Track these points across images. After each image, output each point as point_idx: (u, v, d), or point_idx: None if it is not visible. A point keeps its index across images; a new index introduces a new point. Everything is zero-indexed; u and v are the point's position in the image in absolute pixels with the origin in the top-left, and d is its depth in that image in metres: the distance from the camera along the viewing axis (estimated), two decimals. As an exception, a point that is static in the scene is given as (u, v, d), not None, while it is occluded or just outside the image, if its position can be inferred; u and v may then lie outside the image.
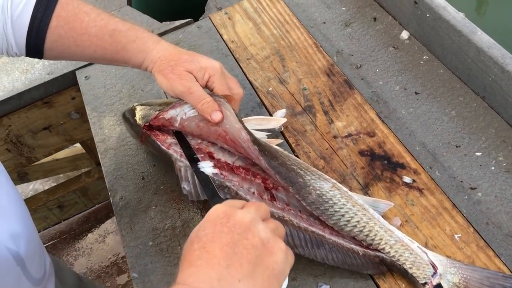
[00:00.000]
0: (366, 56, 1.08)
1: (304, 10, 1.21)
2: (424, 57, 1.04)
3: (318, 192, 0.77)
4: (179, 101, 0.85)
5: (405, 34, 1.08)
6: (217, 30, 1.20)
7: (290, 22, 1.18)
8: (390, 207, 0.79)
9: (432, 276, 0.71)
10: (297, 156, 0.92)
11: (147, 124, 0.88)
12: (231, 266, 0.51)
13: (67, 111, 1.30)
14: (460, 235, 0.78)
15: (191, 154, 0.83)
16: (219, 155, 0.85)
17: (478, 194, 0.83)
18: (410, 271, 0.72)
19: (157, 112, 0.87)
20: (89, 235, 2.31)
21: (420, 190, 0.84)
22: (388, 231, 0.75)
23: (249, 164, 0.84)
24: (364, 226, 0.75)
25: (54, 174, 1.93)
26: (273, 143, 0.88)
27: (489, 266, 0.74)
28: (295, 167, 0.79)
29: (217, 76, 0.81)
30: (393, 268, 0.75)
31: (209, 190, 0.78)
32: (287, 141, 0.95)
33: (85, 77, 1.18)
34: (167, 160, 0.86)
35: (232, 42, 1.16)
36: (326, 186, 0.78)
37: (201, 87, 0.81)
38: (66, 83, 1.23)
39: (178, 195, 0.92)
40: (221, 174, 0.82)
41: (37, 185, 2.51)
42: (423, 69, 1.02)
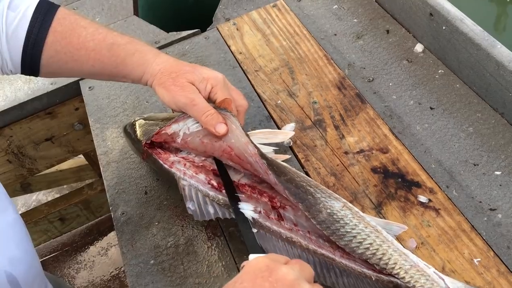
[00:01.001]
0: (379, 69, 1.04)
1: (314, 22, 1.18)
2: (440, 71, 1.00)
3: (328, 210, 0.72)
4: (182, 115, 0.82)
5: (419, 47, 1.04)
6: (225, 41, 1.17)
7: (300, 34, 1.14)
8: (403, 230, 0.75)
9: None
10: (306, 173, 0.88)
11: (149, 141, 0.84)
12: None
13: (70, 122, 1.27)
14: (479, 259, 0.73)
15: (231, 191, 0.77)
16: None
17: (498, 215, 0.78)
18: None
19: (159, 128, 0.83)
20: (91, 247, 2.28)
21: (436, 211, 0.79)
22: (403, 255, 0.70)
23: (255, 181, 0.80)
24: (377, 249, 0.70)
25: (58, 185, 1.91)
26: (280, 159, 0.84)
27: (511, 294, 0.69)
28: (304, 184, 0.75)
29: (219, 86, 0.78)
30: None
31: (248, 236, 0.71)
32: (296, 156, 0.91)
33: (89, 87, 1.15)
34: (170, 178, 0.83)
35: (240, 53, 1.13)
36: (337, 205, 0.73)
37: (204, 100, 0.78)
38: (70, 93, 1.20)
39: (181, 211, 0.88)
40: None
41: (40, 195, 2.48)
42: (438, 84, 0.98)
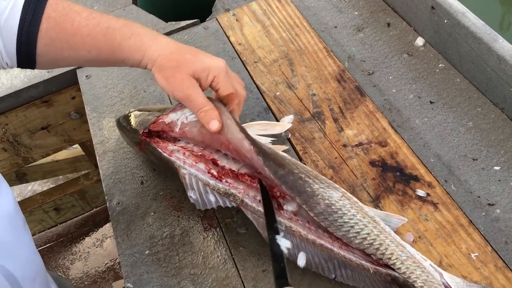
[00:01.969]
0: (379, 62, 1.03)
1: (315, 14, 1.17)
2: (440, 65, 1.00)
3: (327, 201, 0.72)
4: (180, 104, 0.81)
5: (420, 41, 1.04)
6: (224, 32, 1.16)
7: (300, 26, 1.13)
8: (403, 223, 0.74)
9: None
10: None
11: (146, 130, 0.83)
12: None
13: (67, 111, 1.26)
14: (477, 254, 0.73)
15: (272, 221, 0.74)
16: (223, 162, 0.80)
17: (497, 210, 0.78)
18: None
19: (156, 117, 0.82)
20: (86, 239, 2.27)
21: (434, 205, 0.79)
22: (400, 246, 0.70)
23: (255, 171, 0.79)
24: (375, 239, 0.70)
25: (53, 176, 1.89)
26: (278, 150, 0.84)
27: (508, 289, 0.69)
28: (303, 175, 0.74)
29: (221, 76, 0.76)
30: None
31: (279, 267, 0.69)
32: (294, 148, 0.90)
33: (86, 76, 1.14)
34: (169, 167, 0.82)
35: (240, 44, 1.12)
36: (336, 196, 0.73)
37: (202, 94, 0.76)
38: (66, 82, 1.19)
39: (177, 202, 0.87)
40: (226, 181, 0.78)
41: (35, 186, 2.47)
42: (438, 78, 0.98)
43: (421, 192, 0.80)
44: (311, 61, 1.05)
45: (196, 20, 1.21)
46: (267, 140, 0.87)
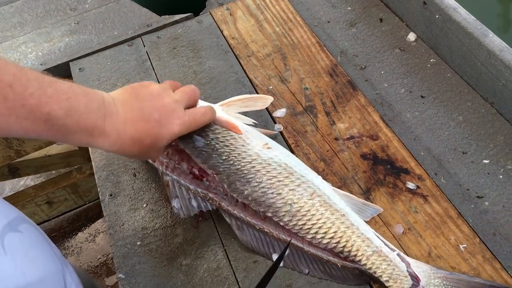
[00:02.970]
0: (371, 57, 1.04)
1: (308, 9, 1.17)
2: (431, 60, 1.00)
3: (296, 206, 0.74)
4: None
5: (412, 36, 1.04)
6: (218, 26, 1.16)
7: (293, 20, 1.14)
8: (379, 213, 0.77)
9: None
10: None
11: None
12: None
13: (60, 104, 1.26)
14: (465, 245, 0.74)
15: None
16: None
17: (485, 203, 0.79)
18: (387, 284, 0.70)
19: None
20: (79, 234, 2.26)
21: (424, 197, 0.80)
22: (366, 240, 0.72)
23: None
24: (341, 237, 0.72)
25: (46, 171, 1.88)
26: (268, 134, 0.84)
27: (495, 279, 0.70)
28: (273, 180, 0.75)
29: (185, 128, 0.71)
30: (374, 280, 0.72)
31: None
32: (286, 141, 0.91)
33: (79, 69, 1.14)
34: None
35: (233, 38, 1.13)
36: (305, 195, 0.75)
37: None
38: (60, 74, 1.19)
39: (170, 194, 0.87)
40: (207, 180, 0.78)
41: (28, 181, 2.45)
42: (430, 73, 0.98)
43: (411, 185, 0.81)
44: (304, 56, 1.06)
45: (189, 14, 1.21)
46: (250, 121, 0.85)
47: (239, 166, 0.76)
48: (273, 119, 0.95)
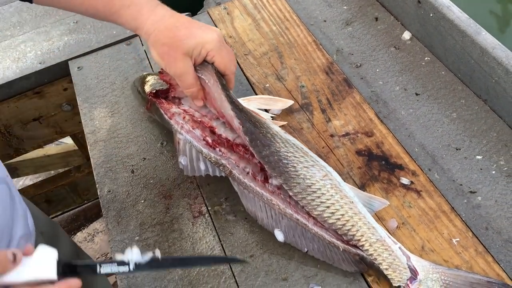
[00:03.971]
0: (367, 55, 1.05)
1: (304, 8, 1.19)
2: (426, 58, 1.02)
3: (308, 181, 0.75)
4: None
5: (407, 35, 1.06)
6: (215, 25, 1.18)
7: (290, 19, 1.15)
8: (385, 206, 0.77)
9: (411, 281, 0.69)
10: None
11: (154, 91, 0.90)
12: None
13: (59, 102, 1.27)
14: (458, 239, 0.75)
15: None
16: (220, 131, 0.84)
17: (478, 198, 0.80)
18: (385, 272, 0.71)
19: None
20: (78, 233, 2.27)
21: (418, 192, 0.81)
22: (372, 228, 0.73)
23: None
24: (348, 220, 0.73)
25: (45, 170, 1.89)
26: (278, 125, 0.87)
27: (487, 272, 0.71)
28: (289, 154, 0.77)
29: (215, 50, 0.78)
30: (373, 268, 0.73)
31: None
32: (282, 138, 0.92)
33: (78, 67, 1.15)
34: (170, 129, 0.87)
35: (230, 37, 1.14)
36: (318, 175, 0.76)
37: (192, 74, 0.79)
38: (58, 73, 1.20)
39: (167, 190, 0.89)
40: (220, 151, 0.81)
41: (27, 181, 2.46)
42: (424, 70, 1.00)
43: (405, 180, 0.82)
44: (300, 54, 1.07)
45: (187, 13, 1.22)
46: (268, 116, 0.90)
47: (263, 131, 0.78)
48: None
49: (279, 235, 0.76)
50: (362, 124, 0.92)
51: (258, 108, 0.91)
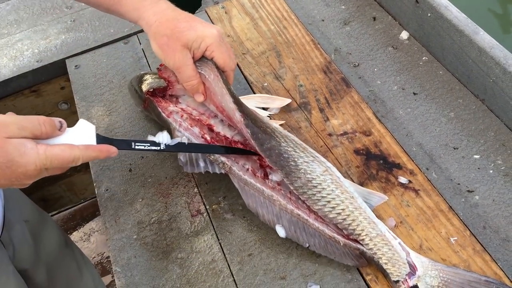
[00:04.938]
0: (365, 55, 1.05)
1: (302, 7, 1.19)
2: (424, 58, 1.02)
3: (308, 176, 0.75)
4: None
5: (404, 35, 1.06)
6: (213, 24, 1.17)
7: (288, 19, 1.15)
8: (384, 201, 0.77)
9: (410, 277, 0.70)
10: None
11: (151, 90, 0.90)
12: None
13: (56, 101, 1.26)
14: (456, 238, 0.75)
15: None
16: (218, 128, 0.84)
17: (476, 197, 0.80)
18: (384, 267, 0.71)
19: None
20: (74, 233, 2.26)
21: (416, 191, 0.81)
22: (372, 223, 0.73)
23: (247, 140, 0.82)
24: (348, 215, 0.73)
25: (42, 169, 1.88)
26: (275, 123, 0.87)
27: (485, 271, 0.71)
28: (289, 149, 0.77)
29: (215, 44, 0.78)
30: (372, 263, 0.73)
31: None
32: (280, 137, 0.92)
33: (75, 66, 1.15)
34: (167, 127, 0.86)
35: (228, 36, 1.14)
36: (319, 170, 0.76)
37: (192, 66, 0.79)
38: (56, 71, 1.20)
39: (165, 189, 0.88)
40: None
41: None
42: (422, 70, 1.00)
43: (403, 179, 0.83)
44: (298, 53, 1.07)
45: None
46: (265, 114, 0.90)
47: (263, 126, 0.78)
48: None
49: (281, 231, 0.76)
50: (360, 124, 0.92)
51: (256, 107, 0.91)
